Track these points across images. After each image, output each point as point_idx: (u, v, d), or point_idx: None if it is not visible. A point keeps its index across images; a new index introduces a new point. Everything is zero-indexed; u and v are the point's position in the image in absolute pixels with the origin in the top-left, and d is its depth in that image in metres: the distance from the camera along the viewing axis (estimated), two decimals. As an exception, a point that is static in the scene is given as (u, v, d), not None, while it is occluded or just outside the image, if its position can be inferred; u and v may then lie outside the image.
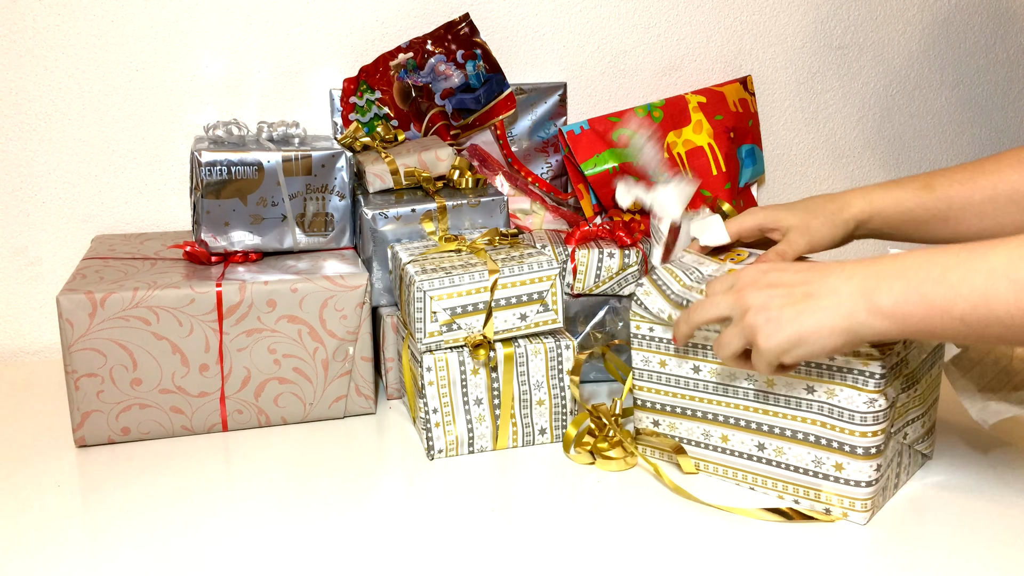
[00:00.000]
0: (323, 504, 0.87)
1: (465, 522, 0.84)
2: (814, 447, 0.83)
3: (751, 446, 0.87)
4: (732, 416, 0.87)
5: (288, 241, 1.08)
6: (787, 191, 1.49)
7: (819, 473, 0.83)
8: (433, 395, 0.95)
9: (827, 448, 0.82)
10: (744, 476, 0.88)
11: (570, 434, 0.97)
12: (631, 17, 1.36)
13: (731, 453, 0.88)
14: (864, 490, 0.81)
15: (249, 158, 1.04)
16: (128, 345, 0.96)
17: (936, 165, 1.54)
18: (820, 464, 0.83)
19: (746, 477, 0.88)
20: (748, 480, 0.88)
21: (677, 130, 1.31)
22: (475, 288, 0.94)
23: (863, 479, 0.81)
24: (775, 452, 0.85)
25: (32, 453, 0.97)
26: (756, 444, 0.86)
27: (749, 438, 0.86)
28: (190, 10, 1.21)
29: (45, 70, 1.19)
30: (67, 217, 1.23)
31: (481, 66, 1.25)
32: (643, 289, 0.91)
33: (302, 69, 1.26)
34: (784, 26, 1.42)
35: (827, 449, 0.82)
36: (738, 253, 0.95)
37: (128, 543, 0.81)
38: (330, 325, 1.01)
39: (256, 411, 1.01)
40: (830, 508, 0.83)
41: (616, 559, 0.78)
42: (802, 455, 0.84)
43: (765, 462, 0.86)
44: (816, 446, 0.82)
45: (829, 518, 0.83)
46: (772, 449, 0.85)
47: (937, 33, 1.48)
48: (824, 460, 0.82)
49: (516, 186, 1.29)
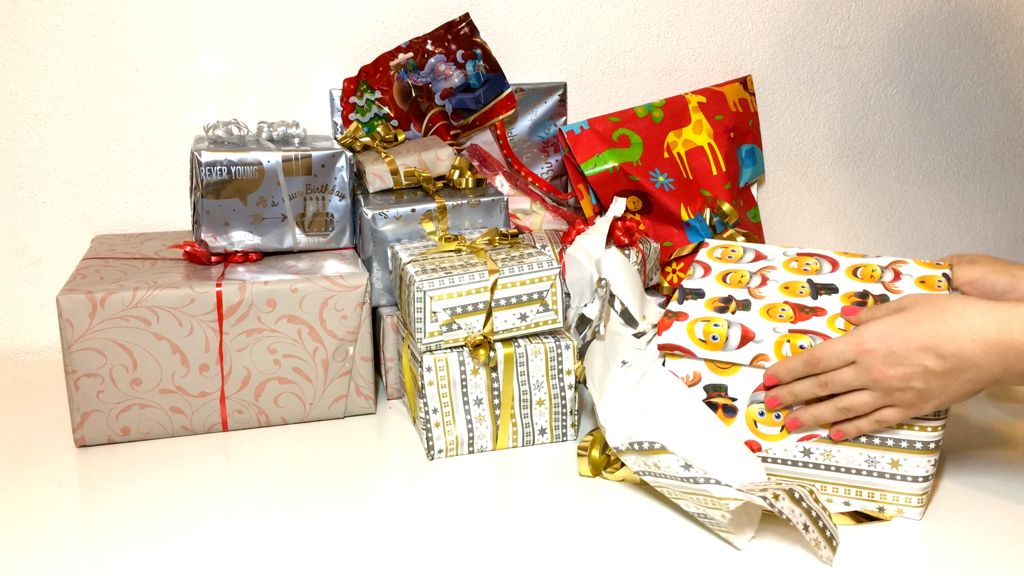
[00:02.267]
0: (323, 504, 0.87)
1: (465, 522, 0.84)
2: (866, 447, 0.82)
3: (796, 452, 0.85)
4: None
5: (288, 241, 1.08)
6: (787, 191, 1.49)
7: (873, 472, 0.83)
8: (433, 395, 0.95)
9: (881, 447, 0.82)
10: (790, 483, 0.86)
11: (597, 458, 0.92)
12: (631, 17, 1.36)
13: (772, 461, 0.86)
14: (920, 485, 0.82)
15: (249, 158, 1.04)
16: (128, 345, 0.96)
17: (936, 165, 1.54)
18: (874, 463, 0.82)
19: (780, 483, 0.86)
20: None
21: (677, 130, 1.31)
22: (475, 288, 0.94)
23: (920, 474, 0.81)
24: (823, 456, 0.84)
25: (32, 453, 0.97)
26: (801, 450, 0.85)
27: (793, 444, 0.85)
28: (190, 10, 1.21)
29: (45, 70, 1.19)
30: (67, 217, 1.23)
31: (481, 66, 1.25)
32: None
33: (302, 69, 1.26)
34: (784, 26, 1.42)
35: (881, 448, 0.82)
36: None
37: (128, 543, 0.80)
38: (330, 325, 1.01)
39: (256, 411, 1.01)
40: (884, 507, 0.83)
41: (617, 559, 0.78)
42: (853, 456, 0.83)
43: (812, 467, 0.85)
44: (869, 446, 0.82)
45: (885, 516, 0.83)
46: (819, 453, 0.84)
47: (937, 33, 1.48)
48: (878, 459, 0.82)
49: (516, 186, 1.29)
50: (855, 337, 0.79)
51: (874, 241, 1.54)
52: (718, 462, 0.85)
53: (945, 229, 1.57)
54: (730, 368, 0.85)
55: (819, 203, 1.50)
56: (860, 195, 1.52)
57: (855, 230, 1.53)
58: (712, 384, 0.87)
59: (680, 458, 0.80)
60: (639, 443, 0.83)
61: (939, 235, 1.57)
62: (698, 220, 1.29)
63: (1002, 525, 0.82)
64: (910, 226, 1.55)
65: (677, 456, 0.81)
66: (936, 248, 1.57)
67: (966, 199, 1.57)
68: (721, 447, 0.85)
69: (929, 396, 0.77)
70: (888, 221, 1.54)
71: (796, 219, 1.50)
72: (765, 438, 0.86)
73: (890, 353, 0.77)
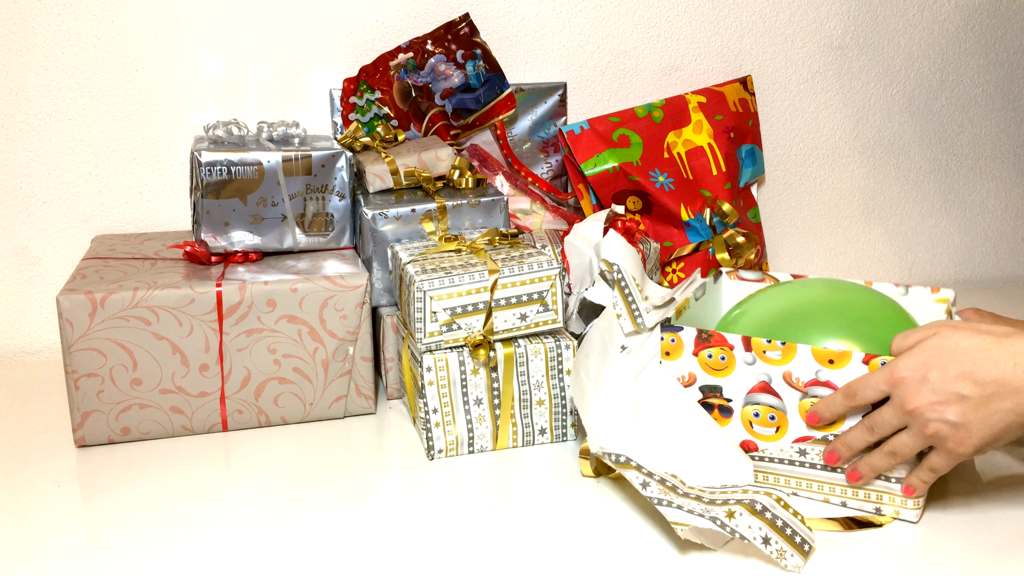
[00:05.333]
0: (323, 504, 0.87)
1: (465, 522, 0.84)
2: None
3: (792, 452, 0.85)
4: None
5: (288, 241, 1.08)
6: (787, 191, 1.49)
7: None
8: (433, 395, 0.95)
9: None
10: (787, 481, 0.86)
11: (599, 459, 0.91)
12: (631, 17, 1.36)
13: (768, 460, 0.86)
14: None
15: (249, 158, 1.04)
16: (128, 345, 0.96)
17: (936, 165, 1.54)
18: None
19: (788, 482, 0.86)
20: (791, 485, 0.86)
21: (677, 130, 1.31)
22: (475, 288, 0.94)
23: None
24: (818, 456, 0.84)
25: (32, 453, 0.97)
26: (797, 450, 0.84)
27: (788, 445, 0.85)
28: (190, 10, 1.21)
29: (45, 70, 1.19)
30: (67, 217, 1.23)
31: (481, 66, 1.25)
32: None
33: (302, 69, 1.26)
34: (784, 26, 1.42)
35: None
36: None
37: (128, 543, 0.81)
38: (330, 325, 1.01)
39: (256, 411, 1.01)
40: (881, 507, 0.83)
41: (617, 559, 0.78)
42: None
43: (808, 466, 0.85)
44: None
45: (882, 519, 0.82)
46: (815, 454, 0.84)
47: (937, 33, 1.48)
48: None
49: (516, 186, 1.29)
50: (889, 368, 0.76)
51: (874, 241, 1.54)
52: (709, 461, 0.85)
53: (945, 229, 1.57)
54: (725, 369, 0.85)
55: (819, 203, 1.50)
56: (860, 195, 1.52)
57: (855, 230, 1.53)
58: (707, 385, 0.87)
59: (640, 476, 0.81)
60: (609, 454, 0.84)
61: (939, 235, 1.57)
62: (698, 220, 1.29)
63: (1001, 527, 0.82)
64: (910, 226, 1.55)
65: (638, 474, 0.81)
66: (936, 248, 1.57)
67: (966, 199, 1.57)
68: (713, 446, 0.85)
69: (967, 432, 0.74)
70: (888, 221, 1.54)
71: (796, 219, 1.50)
72: (761, 438, 0.86)
73: (924, 380, 0.74)
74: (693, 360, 0.87)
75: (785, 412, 0.84)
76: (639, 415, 0.88)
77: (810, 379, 0.81)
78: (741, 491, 0.80)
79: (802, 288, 0.94)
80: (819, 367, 0.81)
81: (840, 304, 0.90)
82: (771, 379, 0.83)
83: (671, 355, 0.88)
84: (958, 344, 0.74)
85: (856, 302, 0.90)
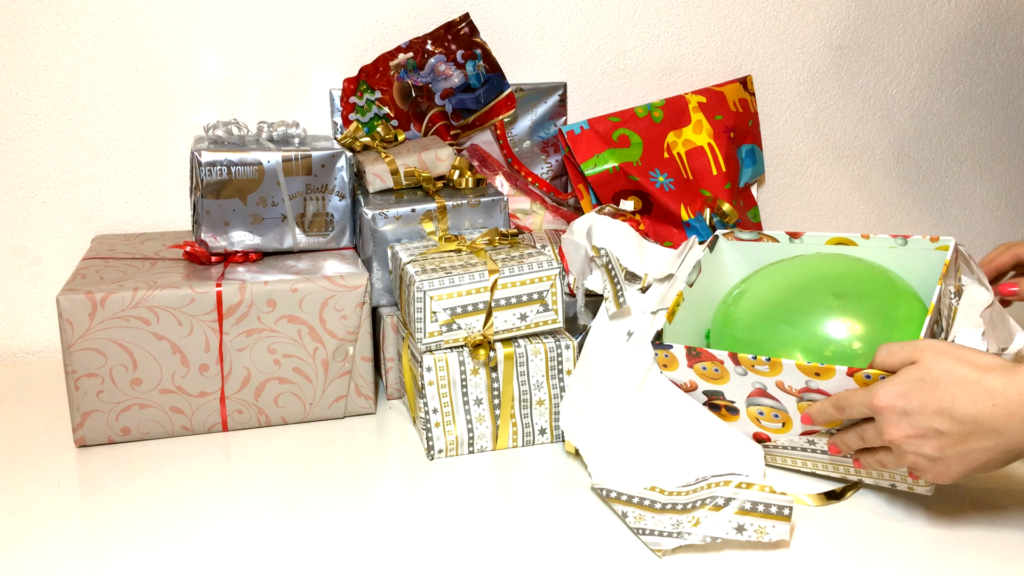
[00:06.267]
0: (323, 504, 0.87)
1: (465, 522, 0.84)
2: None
3: (801, 442, 0.86)
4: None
5: (288, 241, 1.08)
6: (787, 191, 1.49)
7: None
8: (433, 395, 0.95)
9: None
10: (794, 461, 0.89)
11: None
12: (631, 17, 1.36)
13: (782, 448, 0.88)
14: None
15: (249, 158, 1.04)
16: (128, 345, 0.96)
17: (936, 165, 1.54)
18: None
19: (795, 462, 0.89)
20: (807, 467, 0.88)
21: (677, 130, 1.31)
22: (475, 288, 0.94)
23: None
24: (826, 446, 0.85)
25: (32, 453, 0.97)
26: (807, 440, 0.86)
27: (797, 436, 0.86)
28: (190, 10, 1.21)
29: (45, 70, 1.19)
30: (67, 217, 1.23)
31: (481, 66, 1.25)
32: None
33: (302, 69, 1.26)
34: (784, 26, 1.42)
35: None
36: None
37: (128, 543, 0.81)
38: (330, 325, 1.01)
39: (256, 411, 1.01)
40: (895, 484, 0.84)
41: (617, 559, 0.78)
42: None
43: (821, 452, 0.86)
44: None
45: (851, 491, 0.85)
46: (823, 444, 0.85)
47: (937, 33, 1.49)
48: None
49: (516, 186, 1.29)
50: (871, 392, 0.76)
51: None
52: (721, 448, 0.87)
53: (945, 229, 1.57)
54: (721, 378, 0.86)
55: (819, 203, 1.50)
56: (860, 195, 1.52)
57: (855, 230, 1.53)
58: (709, 391, 0.88)
59: (620, 507, 0.82)
60: (603, 489, 0.85)
61: (939, 235, 1.57)
62: (698, 220, 1.29)
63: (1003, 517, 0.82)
64: (910, 226, 1.55)
65: (617, 505, 0.83)
66: (936, 248, 1.57)
67: (966, 199, 1.57)
68: (721, 435, 0.88)
69: (946, 466, 0.73)
70: (888, 221, 1.54)
71: (796, 219, 1.50)
72: (772, 430, 0.87)
73: (903, 413, 0.74)
74: (690, 370, 0.88)
75: (787, 411, 0.84)
76: (642, 414, 0.89)
77: (802, 387, 0.82)
78: (705, 485, 0.81)
79: (802, 264, 0.95)
80: (807, 378, 0.81)
81: (838, 276, 0.90)
82: (766, 387, 0.84)
83: (668, 367, 0.89)
84: (939, 377, 0.73)
85: (855, 272, 0.91)
